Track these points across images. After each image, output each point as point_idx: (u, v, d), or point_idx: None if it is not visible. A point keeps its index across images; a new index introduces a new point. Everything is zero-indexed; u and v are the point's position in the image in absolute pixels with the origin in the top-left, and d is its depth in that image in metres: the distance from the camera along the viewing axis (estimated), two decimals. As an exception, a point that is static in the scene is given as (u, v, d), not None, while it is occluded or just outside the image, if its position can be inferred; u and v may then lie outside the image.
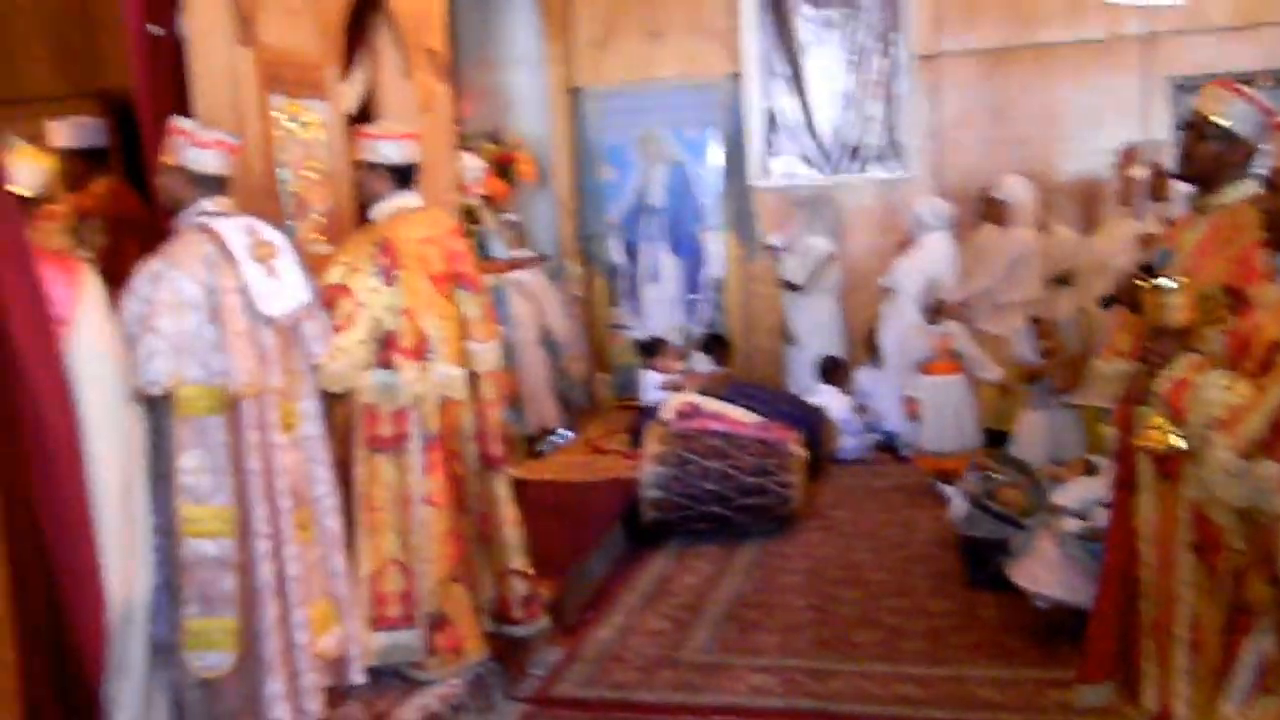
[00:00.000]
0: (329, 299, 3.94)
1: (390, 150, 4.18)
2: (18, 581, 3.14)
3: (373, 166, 4.17)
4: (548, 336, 7.77)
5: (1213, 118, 3.23)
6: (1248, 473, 2.45)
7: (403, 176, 4.22)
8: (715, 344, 8.71)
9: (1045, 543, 4.70)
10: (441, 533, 4.13)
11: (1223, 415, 2.53)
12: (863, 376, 8.09)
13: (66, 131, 5.50)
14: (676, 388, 7.43)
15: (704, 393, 7.06)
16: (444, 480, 4.15)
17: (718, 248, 8.99)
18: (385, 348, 3.99)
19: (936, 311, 7.05)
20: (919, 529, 6.30)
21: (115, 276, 3.62)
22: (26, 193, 3.30)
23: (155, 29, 4.28)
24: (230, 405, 3.48)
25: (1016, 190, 7.64)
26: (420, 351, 4.06)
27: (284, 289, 3.68)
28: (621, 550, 6.23)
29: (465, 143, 7.92)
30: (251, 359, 3.52)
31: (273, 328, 3.63)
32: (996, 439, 6.91)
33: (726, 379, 7.70)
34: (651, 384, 7.69)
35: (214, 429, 3.46)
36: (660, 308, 9.14)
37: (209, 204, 3.63)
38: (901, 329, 7.59)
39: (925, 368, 7.04)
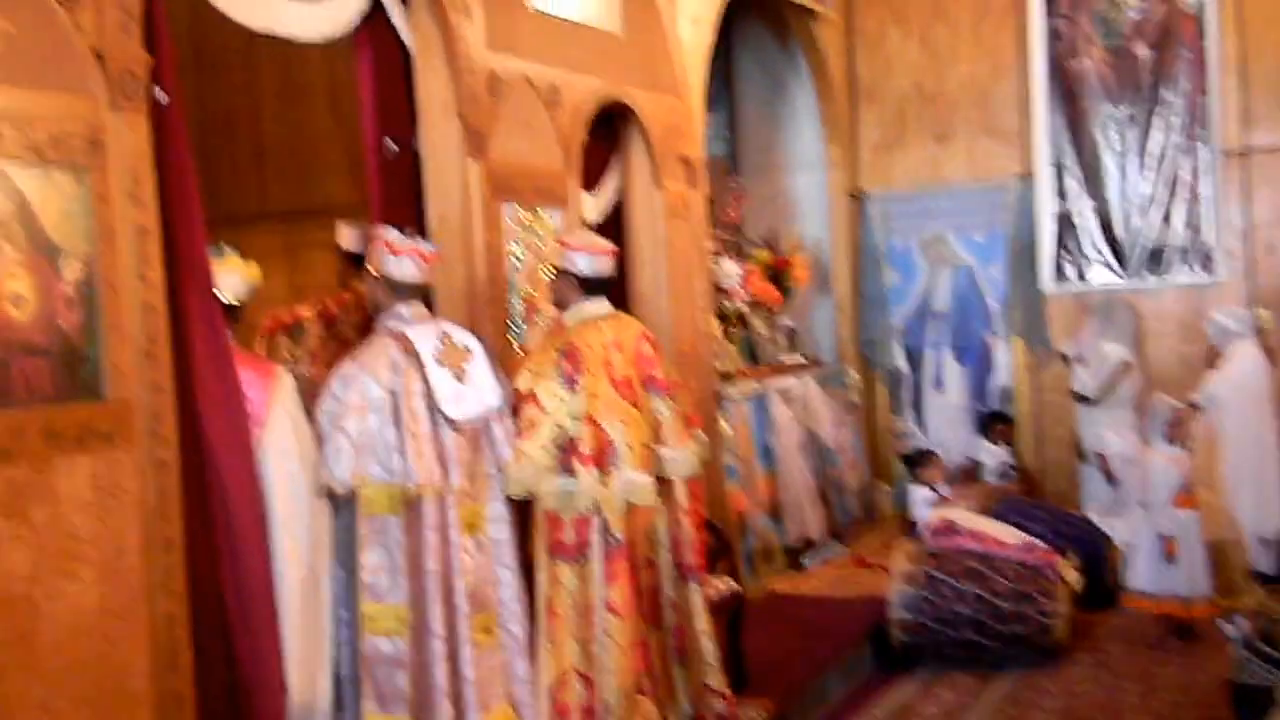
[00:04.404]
0: (515, 405, 3.98)
1: (582, 261, 4.22)
2: (201, 667, 3.30)
3: (563, 273, 4.23)
4: (815, 444, 7.57)
5: None
6: None
7: (591, 287, 4.25)
8: (996, 421, 8.30)
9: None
10: (624, 643, 4.03)
11: None
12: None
13: (346, 234, 5.88)
14: (943, 502, 7.03)
15: (972, 509, 6.64)
16: (627, 589, 4.06)
17: (1006, 355, 8.55)
18: (566, 454, 3.98)
19: (1176, 427, 6.14)
20: (1204, 670, 5.61)
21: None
22: (231, 300, 3.54)
23: (390, 145, 4.56)
24: (409, 505, 3.56)
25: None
26: (602, 458, 4.02)
27: (472, 393, 3.76)
28: (868, 673, 5.91)
29: (739, 248, 7.95)
30: (431, 460, 3.60)
31: (458, 431, 3.71)
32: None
33: (999, 495, 7.23)
34: (919, 499, 7.31)
35: (393, 528, 3.55)
36: (944, 417, 8.75)
37: (404, 309, 3.78)
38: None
39: (1177, 500, 6.03)
